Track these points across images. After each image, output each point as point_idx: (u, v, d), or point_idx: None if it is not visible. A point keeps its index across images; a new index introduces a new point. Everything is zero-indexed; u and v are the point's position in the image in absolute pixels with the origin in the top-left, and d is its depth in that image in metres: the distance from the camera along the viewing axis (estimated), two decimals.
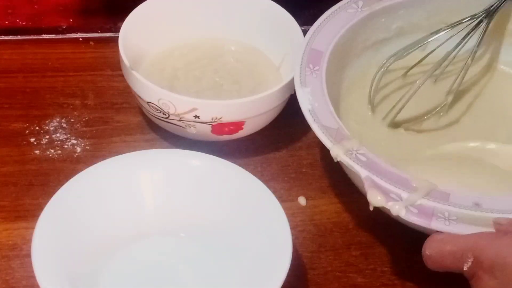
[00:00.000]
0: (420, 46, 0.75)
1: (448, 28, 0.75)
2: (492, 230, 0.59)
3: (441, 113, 0.76)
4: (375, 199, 0.60)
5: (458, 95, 0.77)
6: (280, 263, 0.61)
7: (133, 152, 0.68)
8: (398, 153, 0.73)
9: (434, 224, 0.59)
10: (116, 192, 0.66)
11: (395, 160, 0.69)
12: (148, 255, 0.66)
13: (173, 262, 0.66)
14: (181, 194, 0.67)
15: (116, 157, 0.67)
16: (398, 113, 0.74)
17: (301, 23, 0.75)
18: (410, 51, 0.75)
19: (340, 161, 0.64)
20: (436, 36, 0.75)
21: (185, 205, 0.67)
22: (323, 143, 0.65)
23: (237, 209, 0.66)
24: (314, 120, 0.66)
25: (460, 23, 0.75)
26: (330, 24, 0.74)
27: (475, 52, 0.76)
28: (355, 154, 0.64)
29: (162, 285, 0.64)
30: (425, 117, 0.76)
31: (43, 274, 0.59)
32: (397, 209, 0.60)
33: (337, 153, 0.64)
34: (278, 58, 0.79)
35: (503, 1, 0.75)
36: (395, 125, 0.75)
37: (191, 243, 0.67)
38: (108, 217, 0.66)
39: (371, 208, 0.62)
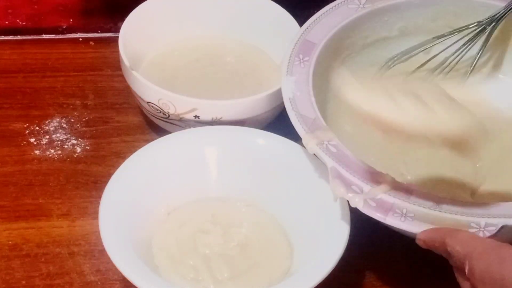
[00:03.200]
0: (425, 49, 0.75)
1: (454, 33, 0.74)
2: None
3: None
4: (337, 190, 0.61)
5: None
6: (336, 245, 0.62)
7: (199, 127, 0.70)
8: (390, 154, 0.73)
9: (389, 220, 0.59)
10: (179, 164, 0.68)
11: (385, 160, 0.70)
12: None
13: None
14: (243, 169, 0.69)
15: (182, 131, 0.69)
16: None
17: (301, 23, 0.75)
18: (413, 54, 0.75)
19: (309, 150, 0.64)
20: (442, 39, 0.75)
21: (247, 179, 0.69)
22: (297, 130, 0.65)
23: (296, 189, 0.67)
24: (292, 108, 0.66)
25: (466, 28, 0.74)
26: (328, 18, 0.74)
27: (478, 59, 0.76)
28: (326, 145, 0.64)
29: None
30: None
31: (110, 240, 0.61)
32: (356, 202, 0.60)
33: (308, 141, 0.64)
34: (279, 58, 0.79)
35: (509, 10, 0.74)
36: None
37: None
38: (169, 187, 0.67)
39: (334, 200, 0.62)
